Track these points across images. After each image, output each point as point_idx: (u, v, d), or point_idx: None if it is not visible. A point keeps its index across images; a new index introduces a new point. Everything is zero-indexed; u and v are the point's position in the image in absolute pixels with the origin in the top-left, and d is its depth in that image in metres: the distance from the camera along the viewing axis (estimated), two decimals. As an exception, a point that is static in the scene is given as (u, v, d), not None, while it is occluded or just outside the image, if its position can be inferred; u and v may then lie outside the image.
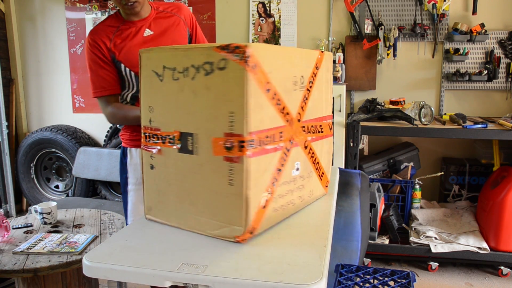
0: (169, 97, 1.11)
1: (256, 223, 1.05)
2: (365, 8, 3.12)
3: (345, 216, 1.99)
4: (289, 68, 1.13)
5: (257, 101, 1.00)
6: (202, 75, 1.03)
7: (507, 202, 2.54)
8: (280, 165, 1.11)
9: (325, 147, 1.37)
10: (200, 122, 1.05)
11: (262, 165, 1.04)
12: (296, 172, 1.20)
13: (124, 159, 1.75)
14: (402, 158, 3.04)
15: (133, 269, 0.95)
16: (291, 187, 1.19)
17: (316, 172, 1.34)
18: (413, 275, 1.48)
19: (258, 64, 0.99)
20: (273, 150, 1.07)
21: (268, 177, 1.07)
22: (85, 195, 3.54)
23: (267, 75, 1.02)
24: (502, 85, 3.06)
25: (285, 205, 1.19)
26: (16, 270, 1.53)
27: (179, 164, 1.12)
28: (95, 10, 3.65)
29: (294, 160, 1.18)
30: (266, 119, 1.04)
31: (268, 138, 1.05)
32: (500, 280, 2.66)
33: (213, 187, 1.06)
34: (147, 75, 1.15)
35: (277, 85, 1.06)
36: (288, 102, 1.12)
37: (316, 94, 1.27)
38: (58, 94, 3.87)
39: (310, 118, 1.25)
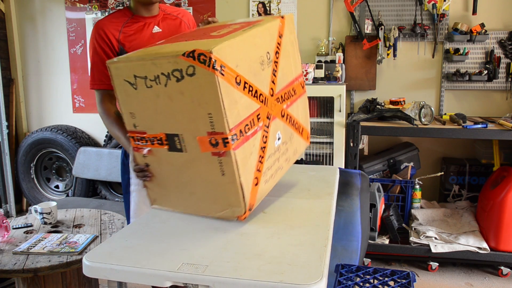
0: (147, 103, 1.14)
1: (252, 200, 1.15)
2: (365, 8, 3.12)
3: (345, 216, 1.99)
4: (254, 51, 1.18)
5: (231, 98, 1.05)
6: (174, 82, 1.06)
7: (507, 202, 2.54)
8: (263, 142, 1.18)
9: (301, 106, 1.44)
10: (182, 124, 1.10)
11: (247, 151, 1.11)
12: (279, 142, 1.28)
13: (126, 160, 1.74)
14: (402, 158, 3.04)
15: (133, 269, 0.95)
16: (276, 156, 1.27)
17: (296, 131, 1.41)
18: (413, 275, 1.48)
19: (224, 64, 1.02)
20: (254, 133, 1.14)
21: (255, 158, 1.15)
22: (85, 195, 3.54)
23: (234, 70, 1.06)
24: (502, 85, 3.06)
25: (274, 173, 1.27)
26: (16, 270, 1.53)
27: (172, 161, 1.17)
28: (95, 10, 3.65)
29: (274, 132, 1.25)
30: (242, 109, 1.09)
31: (247, 126, 1.11)
32: (500, 280, 2.66)
33: (207, 178, 1.13)
34: (120, 84, 1.17)
35: (246, 73, 1.11)
36: (259, 84, 1.17)
37: (284, 62, 1.32)
38: (58, 94, 3.87)
39: (282, 86, 1.31)
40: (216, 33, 1.21)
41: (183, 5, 3.47)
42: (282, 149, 1.31)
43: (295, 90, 1.40)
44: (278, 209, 1.34)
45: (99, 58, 1.60)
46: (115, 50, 1.60)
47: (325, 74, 3.06)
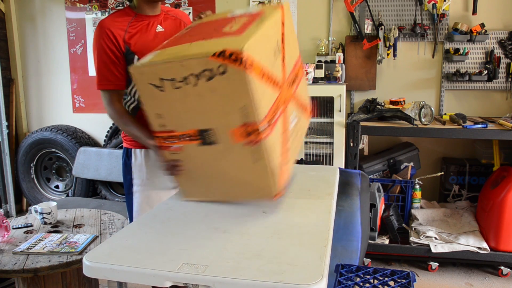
0: (175, 103, 1.18)
1: (282, 182, 1.25)
2: (365, 8, 3.12)
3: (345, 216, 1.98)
4: (269, 43, 1.24)
5: (260, 91, 1.11)
6: (204, 81, 1.11)
7: (507, 202, 2.54)
8: (284, 127, 1.27)
9: (303, 85, 1.55)
10: (213, 118, 1.16)
11: (274, 138, 1.19)
12: (293, 123, 1.38)
13: (128, 160, 1.74)
14: (402, 158, 3.04)
15: (133, 269, 0.95)
16: (293, 137, 1.37)
17: (303, 110, 1.53)
18: (413, 275, 1.48)
19: (253, 61, 1.08)
20: (277, 120, 1.22)
21: (279, 143, 1.23)
22: (85, 195, 3.54)
23: (260, 65, 1.12)
24: (502, 85, 3.06)
25: (293, 152, 1.37)
26: (16, 270, 1.53)
27: (204, 155, 1.24)
28: (95, 10, 3.65)
29: (290, 115, 1.35)
30: (267, 100, 1.16)
31: (273, 114, 1.19)
32: (500, 280, 2.66)
33: (239, 166, 1.21)
34: (144, 88, 1.20)
35: (266, 65, 1.17)
36: (275, 73, 1.23)
37: (288, 48, 1.39)
38: (58, 94, 3.87)
39: (290, 71, 1.39)
40: (229, 28, 1.24)
41: (183, 5, 3.47)
42: (295, 130, 1.40)
43: (298, 72, 1.49)
44: (278, 209, 1.34)
45: (107, 58, 1.57)
46: (122, 50, 1.58)
47: (325, 74, 3.06)
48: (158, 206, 1.40)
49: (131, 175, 1.74)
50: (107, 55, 1.57)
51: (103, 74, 1.60)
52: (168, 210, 1.34)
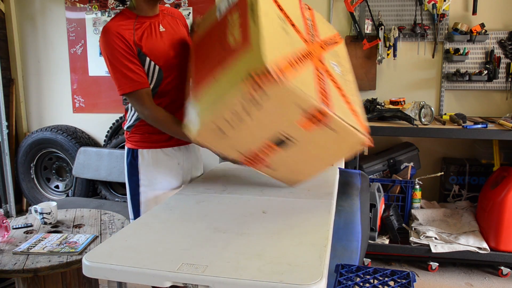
0: (243, 132, 1.26)
1: (363, 126, 1.33)
2: (365, 8, 3.12)
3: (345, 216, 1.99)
4: (275, 29, 1.31)
5: (300, 81, 1.16)
6: (252, 107, 1.17)
7: (507, 202, 2.54)
8: (334, 84, 1.36)
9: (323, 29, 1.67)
10: (278, 124, 1.24)
11: (335, 101, 1.27)
12: (337, 67, 1.45)
13: (135, 161, 1.73)
14: (402, 158, 3.04)
15: (133, 269, 0.95)
16: (343, 81, 1.44)
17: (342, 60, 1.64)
18: (413, 275, 1.48)
19: (279, 66, 1.11)
20: (326, 89, 1.30)
21: (340, 99, 1.33)
22: (85, 195, 3.54)
23: (285, 59, 1.16)
24: (502, 85, 3.06)
25: (354, 93, 1.47)
26: (16, 270, 1.53)
27: (288, 153, 1.33)
28: (95, 10, 3.65)
29: (330, 65, 1.42)
30: (309, 79, 1.23)
31: (321, 88, 1.25)
32: (500, 280, 2.66)
33: (325, 143, 1.30)
34: (210, 133, 1.30)
35: (287, 51, 1.22)
36: (296, 46, 1.32)
37: (286, 5, 1.46)
38: (58, 94, 3.87)
39: (302, 23, 1.48)
40: (233, 40, 1.27)
41: (183, 5, 3.47)
42: (343, 75, 1.47)
43: (313, 18, 1.64)
44: (278, 209, 1.34)
45: (125, 59, 1.53)
46: (135, 52, 1.55)
47: (325, 74, 3.05)
48: (158, 206, 1.40)
49: (137, 175, 1.73)
50: (125, 56, 1.53)
51: (126, 76, 1.54)
52: (168, 210, 1.34)
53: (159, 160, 1.72)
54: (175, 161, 1.77)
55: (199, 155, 1.94)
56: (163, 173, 1.74)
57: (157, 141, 1.72)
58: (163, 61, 1.62)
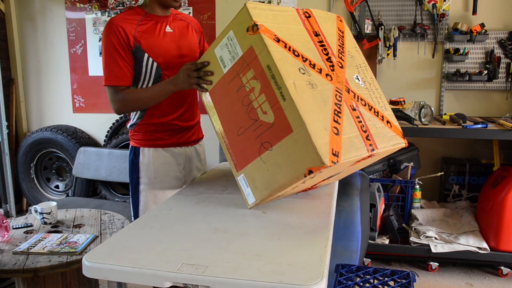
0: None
1: (335, 147, 1.26)
2: (365, 8, 3.12)
3: (345, 216, 1.99)
4: (310, 95, 1.29)
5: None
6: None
7: (507, 202, 2.54)
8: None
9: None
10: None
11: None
12: (359, 82, 1.49)
13: (136, 159, 1.75)
14: (402, 158, 3.04)
15: (133, 269, 0.95)
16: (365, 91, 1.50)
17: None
18: (413, 275, 1.48)
19: (332, 150, 1.16)
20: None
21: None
22: (85, 195, 3.54)
23: (327, 134, 1.20)
24: (502, 85, 3.06)
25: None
26: (16, 270, 1.53)
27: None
28: (95, 10, 3.65)
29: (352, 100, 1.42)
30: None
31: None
32: (500, 280, 2.66)
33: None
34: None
35: (320, 115, 1.24)
36: (323, 96, 1.33)
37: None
38: (58, 94, 3.87)
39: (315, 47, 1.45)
40: (261, 114, 1.26)
41: (183, 5, 3.47)
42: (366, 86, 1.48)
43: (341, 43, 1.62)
44: (278, 209, 1.34)
45: (116, 53, 1.59)
46: (131, 46, 1.60)
47: (325, 74, 3.05)
48: (158, 206, 1.40)
49: (138, 173, 1.75)
50: (116, 51, 1.59)
51: (112, 70, 1.61)
52: (168, 210, 1.34)
53: (160, 159, 1.73)
54: (176, 160, 1.77)
55: (203, 157, 1.94)
56: (164, 172, 1.75)
57: (159, 140, 1.73)
58: (163, 59, 1.66)
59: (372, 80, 1.56)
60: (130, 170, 1.78)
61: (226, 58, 1.34)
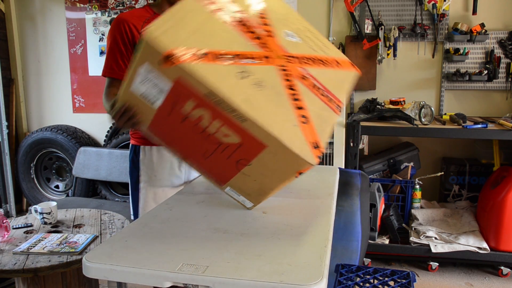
0: None
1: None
2: (365, 8, 3.12)
3: (345, 216, 1.99)
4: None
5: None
6: None
7: (507, 202, 2.54)
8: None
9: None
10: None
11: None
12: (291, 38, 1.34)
13: (136, 158, 1.76)
14: (402, 158, 3.04)
15: (133, 269, 0.95)
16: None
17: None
18: (413, 275, 1.48)
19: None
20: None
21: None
22: (85, 195, 3.54)
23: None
24: (502, 85, 3.06)
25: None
26: (16, 270, 1.53)
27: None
28: (95, 10, 3.65)
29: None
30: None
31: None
32: (500, 280, 2.66)
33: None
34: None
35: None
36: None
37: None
38: (58, 94, 3.87)
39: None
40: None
41: (183, 5, 3.47)
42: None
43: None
44: (278, 209, 1.34)
45: (116, 47, 1.63)
46: (135, 42, 1.62)
47: (325, 74, 3.05)
48: (158, 206, 1.40)
49: (138, 172, 1.75)
50: (117, 45, 1.62)
51: (109, 63, 1.66)
52: (168, 210, 1.34)
53: (160, 158, 1.74)
54: (176, 159, 1.77)
55: None
56: (163, 170, 1.75)
57: None
58: None
59: (299, 22, 1.40)
60: (130, 168, 1.79)
61: (151, 94, 1.14)
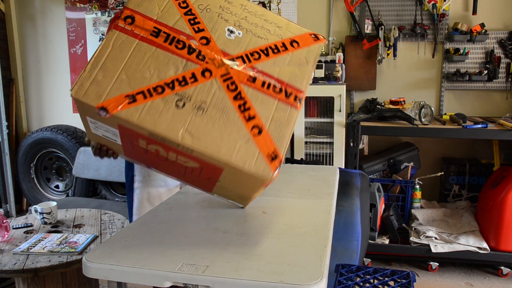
0: None
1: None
2: (365, 8, 3.12)
3: (345, 216, 1.99)
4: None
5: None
6: None
7: (507, 202, 2.53)
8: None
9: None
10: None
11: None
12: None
13: None
14: (402, 158, 3.04)
15: (133, 269, 0.95)
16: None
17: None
18: (413, 275, 1.48)
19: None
20: None
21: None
22: (85, 195, 3.54)
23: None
24: (502, 85, 3.06)
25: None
26: (16, 270, 1.53)
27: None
28: (95, 10, 3.65)
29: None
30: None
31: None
32: (500, 280, 2.66)
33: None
34: None
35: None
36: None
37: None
38: (58, 94, 3.87)
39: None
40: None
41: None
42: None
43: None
44: (278, 209, 1.34)
45: None
46: None
47: (325, 74, 3.06)
48: (158, 206, 1.40)
49: (133, 172, 1.77)
50: None
51: None
52: (168, 210, 1.34)
53: None
54: None
55: None
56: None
57: None
58: None
59: (240, 7, 1.22)
60: (125, 169, 1.80)
61: (109, 135, 1.17)
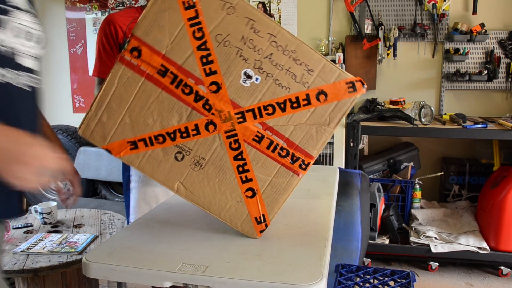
0: None
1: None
2: (365, 8, 3.12)
3: (345, 216, 1.99)
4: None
5: None
6: None
7: (507, 202, 2.54)
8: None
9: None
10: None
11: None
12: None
13: None
14: (402, 158, 3.04)
15: (133, 269, 0.95)
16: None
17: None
18: (413, 275, 1.48)
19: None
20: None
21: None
22: (85, 195, 3.54)
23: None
24: (502, 85, 3.06)
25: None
26: (16, 270, 1.53)
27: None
28: (95, 10, 3.65)
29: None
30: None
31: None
32: (500, 280, 2.66)
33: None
34: None
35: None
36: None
37: None
38: (58, 94, 3.86)
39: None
40: None
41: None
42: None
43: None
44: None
45: (103, 48, 1.67)
46: (119, 41, 1.64)
47: (325, 74, 3.05)
48: (158, 206, 1.40)
49: (129, 171, 1.77)
50: (103, 46, 1.67)
51: (96, 63, 1.72)
52: (168, 210, 1.34)
53: None
54: None
55: None
56: None
57: None
58: None
59: (265, 40, 1.02)
60: (122, 169, 1.81)
61: None
